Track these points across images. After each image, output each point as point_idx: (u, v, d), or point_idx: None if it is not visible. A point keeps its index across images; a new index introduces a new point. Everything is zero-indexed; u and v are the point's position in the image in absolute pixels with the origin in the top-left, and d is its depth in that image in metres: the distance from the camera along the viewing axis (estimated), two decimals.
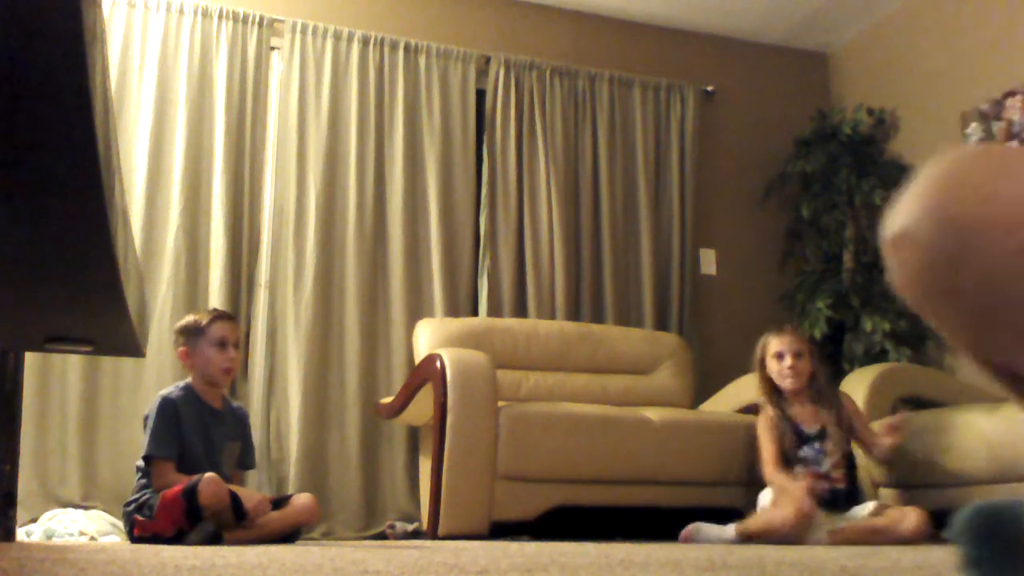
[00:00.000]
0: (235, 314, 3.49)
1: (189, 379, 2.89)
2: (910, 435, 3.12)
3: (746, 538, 2.88)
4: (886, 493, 3.33)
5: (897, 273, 0.46)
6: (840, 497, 3.00)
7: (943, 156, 0.49)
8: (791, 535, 2.79)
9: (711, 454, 3.41)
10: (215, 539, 2.51)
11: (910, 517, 2.77)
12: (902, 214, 0.45)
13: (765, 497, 3.04)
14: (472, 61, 4.33)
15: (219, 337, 2.85)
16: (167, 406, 2.75)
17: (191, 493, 2.52)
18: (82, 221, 1.00)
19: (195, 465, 2.73)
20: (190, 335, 2.87)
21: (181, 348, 2.88)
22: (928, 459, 3.17)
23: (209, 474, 2.57)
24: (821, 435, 3.11)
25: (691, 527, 2.95)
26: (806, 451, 3.09)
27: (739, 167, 4.83)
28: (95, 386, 3.55)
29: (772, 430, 3.14)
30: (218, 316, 2.93)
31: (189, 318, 2.96)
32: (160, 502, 2.57)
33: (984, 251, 0.41)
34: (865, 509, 2.95)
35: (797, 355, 3.14)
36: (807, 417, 3.15)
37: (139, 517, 2.64)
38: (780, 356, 3.17)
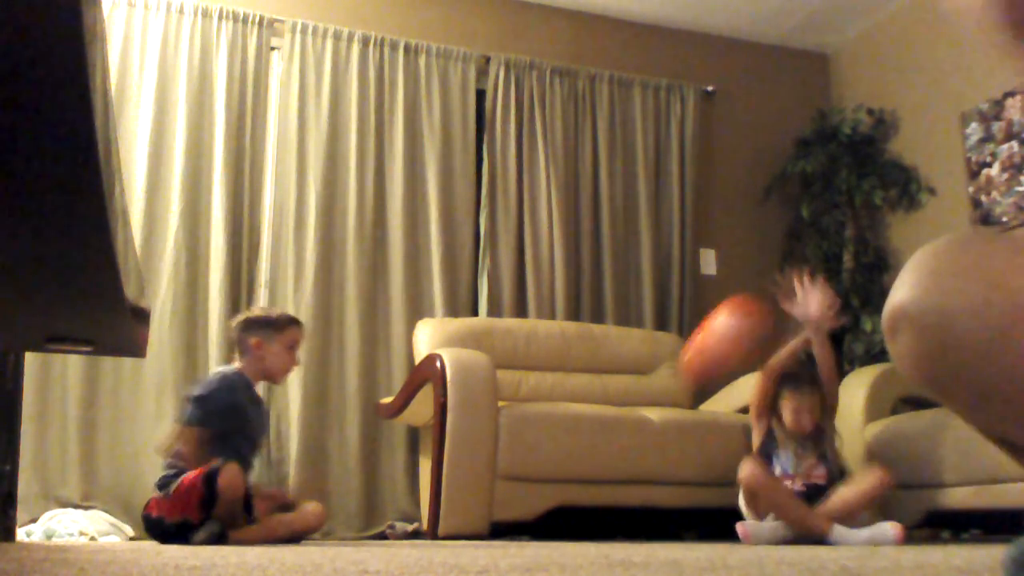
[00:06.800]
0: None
1: (238, 365, 2.91)
2: (909, 436, 3.16)
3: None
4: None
5: (899, 359, 0.49)
6: (819, 492, 3.06)
7: (930, 246, 0.54)
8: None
9: (711, 454, 3.41)
10: (220, 539, 2.52)
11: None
12: (895, 304, 0.49)
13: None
14: (472, 61, 4.33)
15: (294, 340, 2.96)
16: (233, 384, 2.82)
17: (212, 478, 2.54)
18: (82, 221, 1.00)
19: (246, 441, 2.83)
20: (266, 328, 2.93)
21: (255, 339, 2.90)
22: (928, 459, 3.17)
23: (231, 462, 2.60)
24: (805, 439, 3.18)
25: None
26: (783, 456, 3.17)
27: (739, 167, 4.83)
28: (95, 386, 3.55)
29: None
30: (295, 321, 3.02)
31: (262, 312, 3.04)
32: (177, 486, 2.59)
33: (969, 336, 0.45)
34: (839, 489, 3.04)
35: (809, 411, 3.16)
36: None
37: (156, 494, 2.66)
38: (796, 411, 3.15)
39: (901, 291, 0.49)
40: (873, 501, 2.98)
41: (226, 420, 2.77)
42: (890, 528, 2.82)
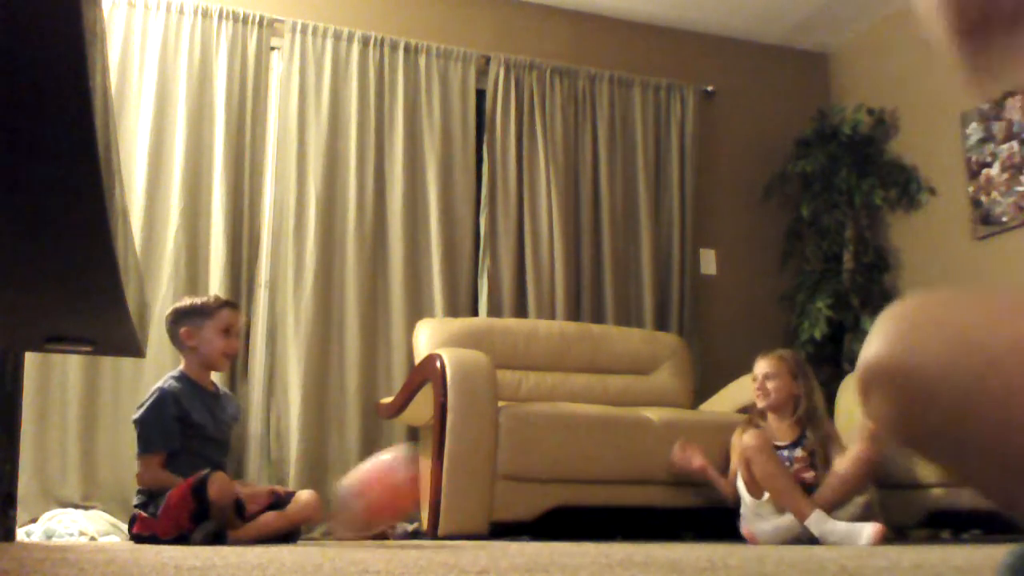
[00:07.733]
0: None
1: (181, 366, 2.88)
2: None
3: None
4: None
5: (875, 420, 0.50)
6: (807, 491, 3.09)
7: (898, 304, 0.54)
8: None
9: (711, 454, 3.40)
10: (218, 538, 2.51)
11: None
12: (863, 365, 0.50)
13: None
14: (472, 61, 4.33)
15: (226, 324, 2.86)
16: (162, 399, 2.73)
17: (200, 490, 2.51)
18: (82, 221, 1.00)
19: (207, 444, 2.75)
20: (195, 316, 2.85)
21: (183, 329, 2.84)
22: None
23: (217, 471, 2.57)
24: (793, 445, 3.25)
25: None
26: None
27: (739, 167, 4.83)
28: (95, 386, 3.55)
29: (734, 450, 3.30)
30: (226, 303, 2.95)
31: (191, 301, 2.94)
32: (166, 502, 2.56)
33: (940, 394, 0.46)
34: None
35: (767, 377, 3.32)
36: (783, 432, 3.29)
37: (142, 514, 2.63)
38: (755, 378, 3.36)
39: (869, 351, 0.50)
40: (862, 478, 3.03)
41: (171, 438, 2.70)
42: (868, 528, 2.82)
